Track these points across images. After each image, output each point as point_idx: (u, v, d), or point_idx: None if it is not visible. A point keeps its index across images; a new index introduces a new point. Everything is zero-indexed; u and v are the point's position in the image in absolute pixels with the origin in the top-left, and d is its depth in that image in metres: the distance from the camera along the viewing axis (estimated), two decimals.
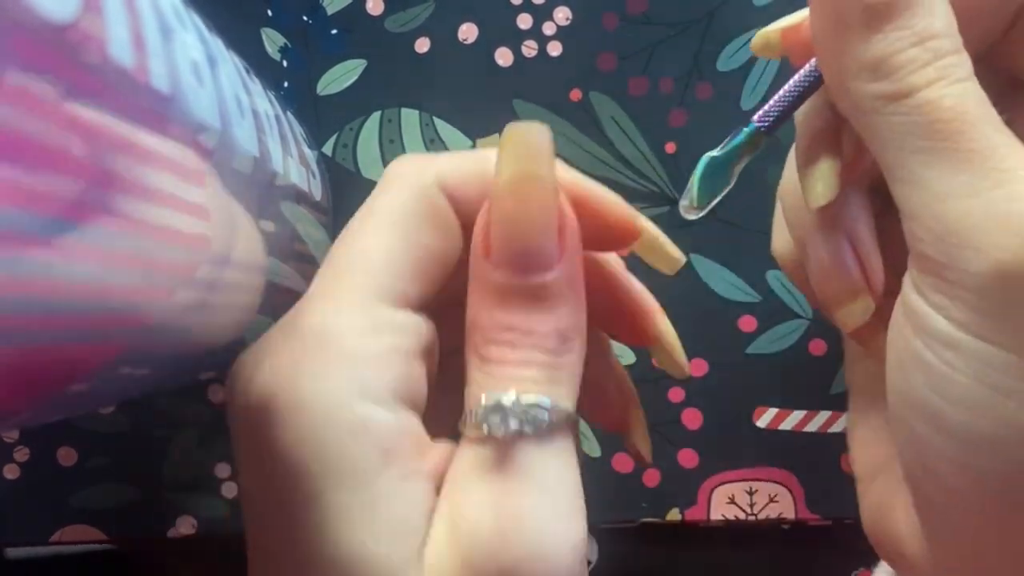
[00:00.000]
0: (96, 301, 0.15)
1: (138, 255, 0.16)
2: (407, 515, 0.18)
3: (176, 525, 0.30)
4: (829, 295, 0.22)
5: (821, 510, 0.30)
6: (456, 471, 0.18)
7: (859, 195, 0.23)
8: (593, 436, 0.30)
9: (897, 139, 0.18)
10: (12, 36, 0.11)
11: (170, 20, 0.16)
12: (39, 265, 0.13)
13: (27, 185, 0.12)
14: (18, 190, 0.12)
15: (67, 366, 0.17)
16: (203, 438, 0.30)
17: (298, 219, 0.25)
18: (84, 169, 0.13)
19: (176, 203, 0.16)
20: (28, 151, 0.11)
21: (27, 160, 0.12)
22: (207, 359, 0.26)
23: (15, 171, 0.11)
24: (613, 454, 0.29)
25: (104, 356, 0.18)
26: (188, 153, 0.17)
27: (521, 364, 0.18)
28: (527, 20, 0.30)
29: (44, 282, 0.13)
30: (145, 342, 0.19)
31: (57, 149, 0.12)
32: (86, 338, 0.16)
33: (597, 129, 0.30)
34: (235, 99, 0.20)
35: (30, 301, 0.13)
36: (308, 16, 0.30)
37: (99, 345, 0.17)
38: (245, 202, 0.20)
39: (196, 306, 0.20)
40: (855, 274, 0.22)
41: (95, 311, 0.16)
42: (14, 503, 0.29)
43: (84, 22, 0.12)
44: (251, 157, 0.20)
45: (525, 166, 0.18)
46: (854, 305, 0.22)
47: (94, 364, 0.18)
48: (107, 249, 0.15)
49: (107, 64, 0.13)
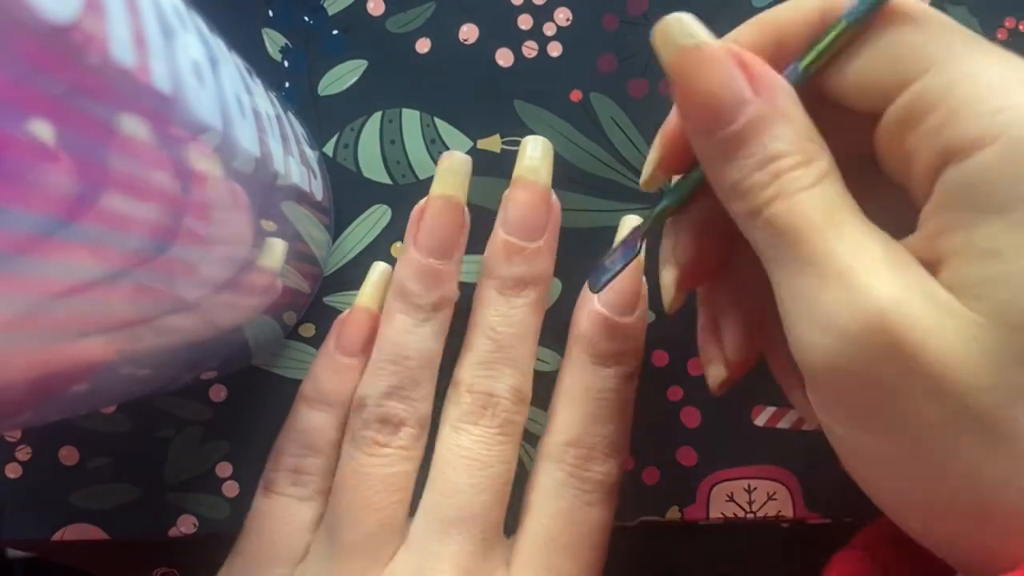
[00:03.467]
0: (97, 301, 0.15)
1: (138, 255, 0.16)
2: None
3: (177, 524, 0.30)
4: (701, 356, 0.26)
5: (820, 508, 0.30)
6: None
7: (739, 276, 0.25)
8: None
9: (761, 249, 0.20)
10: (13, 36, 0.11)
11: (171, 21, 0.16)
12: (41, 265, 0.13)
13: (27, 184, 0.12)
14: (16, 188, 0.12)
15: (68, 366, 0.17)
16: (204, 438, 0.30)
17: (299, 219, 0.25)
18: (85, 169, 0.13)
19: (177, 203, 0.17)
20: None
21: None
22: (208, 359, 0.26)
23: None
24: None
25: (105, 356, 0.18)
26: (190, 153, 0.17)
27: None
28: (527, 21, 0.30)
29: (45, 282, 0.13)
30: (145, 342, 0.19)
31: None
32: (87, 338, 0.16)
33: (597, 130, 0.30)
34: (236, 99, 0.20)
35: (31, 301, 0.13)
36: (309, 17, 0.30)
37: (100, 345, 0.17)
38: (247, 202, 0.20)
39: (197, 306, 0.20)
40: (711, 346, 0.26)
41: (96, 311, 0.16)
42: (16, 502, 0.29)
43: (86, 23, 0.12)
44: (253, 157, 0.20)
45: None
46: (710, 368, 0.26)
47: (95, 364, 0.18)
48: (108, 249, 0.15)
49: (108, 64, 0.13)
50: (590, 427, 0.28)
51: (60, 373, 0.16)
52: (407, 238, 0.29)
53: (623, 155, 0.30)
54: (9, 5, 0.11)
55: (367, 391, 0.28)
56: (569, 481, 0.27)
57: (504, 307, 0.28)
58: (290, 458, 0.28)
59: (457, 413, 0.28)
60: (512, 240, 0.28)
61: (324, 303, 0.30)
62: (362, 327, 0.29)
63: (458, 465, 0.27)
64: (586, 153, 0.30)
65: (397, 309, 0.28)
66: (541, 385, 0.29)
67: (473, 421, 0.27)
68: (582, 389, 0.28)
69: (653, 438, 0.30)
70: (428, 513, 0.27)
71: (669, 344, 0.30)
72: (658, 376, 0.30)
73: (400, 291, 0.28)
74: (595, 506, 0.28)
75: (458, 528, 0.26)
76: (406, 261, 0.28)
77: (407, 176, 0.30)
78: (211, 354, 0.25)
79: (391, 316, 0.28)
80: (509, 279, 0.28)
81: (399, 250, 0.30)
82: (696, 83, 0.20)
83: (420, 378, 0.28)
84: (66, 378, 0.17)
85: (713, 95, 0.20)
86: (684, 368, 0.30)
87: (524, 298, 0.28)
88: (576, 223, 0.30)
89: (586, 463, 0.27)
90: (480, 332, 0.28)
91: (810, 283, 0.19)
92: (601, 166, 0.30)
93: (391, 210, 0.30)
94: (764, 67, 0.20)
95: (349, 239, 0.30)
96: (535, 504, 0.28)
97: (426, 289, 0.28)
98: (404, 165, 0.30)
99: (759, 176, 0.20)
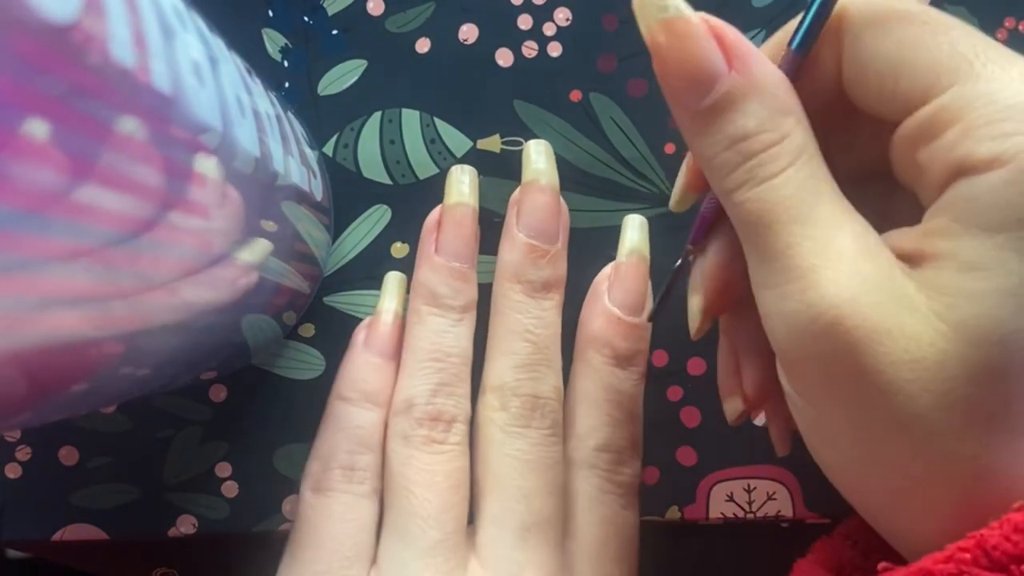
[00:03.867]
0: (97, 300, 0.15)
1: (138, 255, 0.16)
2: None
3: (177, 524, 0.30)
4: (720, 387, 0.27)
5: (820, 508, 0.30)
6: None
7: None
8: None
9: (737, 229, 0.21)
10: (13, 36, 0.11)
11: (171, 20, 0.16)
12: (42, 265, 0.13)
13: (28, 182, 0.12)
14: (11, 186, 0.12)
15: (69, 366, 0.17)
16: (204, 438, 0.30)
17: (299, 219, 0.25)
18: (84, 169, 0.13)
19: (177, 203, 0.17)
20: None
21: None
22: (207, 359, 0.26)
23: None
24: None
25: (105, 356, 0.18)
26: (190, 153, 0.17)
27: None
28: (527, 21, 0.30)
29: (46, 282, 0.13)
30: (145, 342, 0.19)
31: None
32: (88, 338, 0.16)
33: (597, 130, 0.30)
34: (236, 99, 0.20)
35: (32, 301, 0.13)
36: (309, 17, 0.30)
37: (100, 345, 0.17)
38: (247, 202, 0.20)
39: (197, 306, 0.20)
40: (730, 379, 0.26)
41: (96, 311, 0.16)
42: (16, 502, 0.29)
43: (86, 22, 0.12)
44: (252, 157, 0.20)
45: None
46: (728, 402, 0.27)
47: (95, 364, 0.18)
48: (108, 249, 0.15)
49: (108, 64, 0.13)
50: (617, 430, 0.28)
51: (61, 373, 0.16)
52: (425, 246, 0.29)
53: (623, 155, 0.30)
54: (9, 5, 0.11)
55: (414, 391, 0.28)
56: (607, 487, 0.28)
57: (537, 310, 0.28)
58: (344, 455, 0.28)
59: (506, 418, 0.27)
60: (535, 243, 0.28)
61: (324, 303, 0.30)
62: (393, 329, 0.29)
63: (523, 469, 0.27)
64: (586, 153, 0.30)
65: (429, 312, 0.28)
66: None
67: (525, 424, 0.27)
68: (604, 392, 0.28)
69: (653, 437, 0.30)
70: (499, 521, 0.27)
71: (669, 344, 0.30)
72: (658, 376, 0.30)
73: (430, 295, 0.28)
74: (629, 509, 0.28)
75: (534, 533, 0.26)
76: (433, 267, 0.28)
77: (407, 176, 0.30)
78: (211, 354, 0.25)
79: (423, 319, 0.28)
80: (538, 282, 0.28)
81: (400, 250, 0.30)
82: (671, 54, 0.20)
83: (463, 376, 0.28)
84: (66, 378, 0.17)
85: (688, 67, 0.20)
86: (684, 368, 0.30)
87: (551, 300, 0.28)
88: (576, 223, 0.30)
89: (618, 467, 0.28)
90: (517, 336, 0.28)
91: (774, 276, 0.19)
92: (601, 166, 0.30)
93: (391, 210, 0.30)
94: (739, 37, 0.20)
95: (349, 239, 0.30)
96: (580, 512, 0.28)
97: (456, 291, 0.28)
98: (404, 165, 0.30)
99: (728, 155, 0.20)
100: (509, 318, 0.28)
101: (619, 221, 0.30)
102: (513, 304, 0.28)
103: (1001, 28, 0.30)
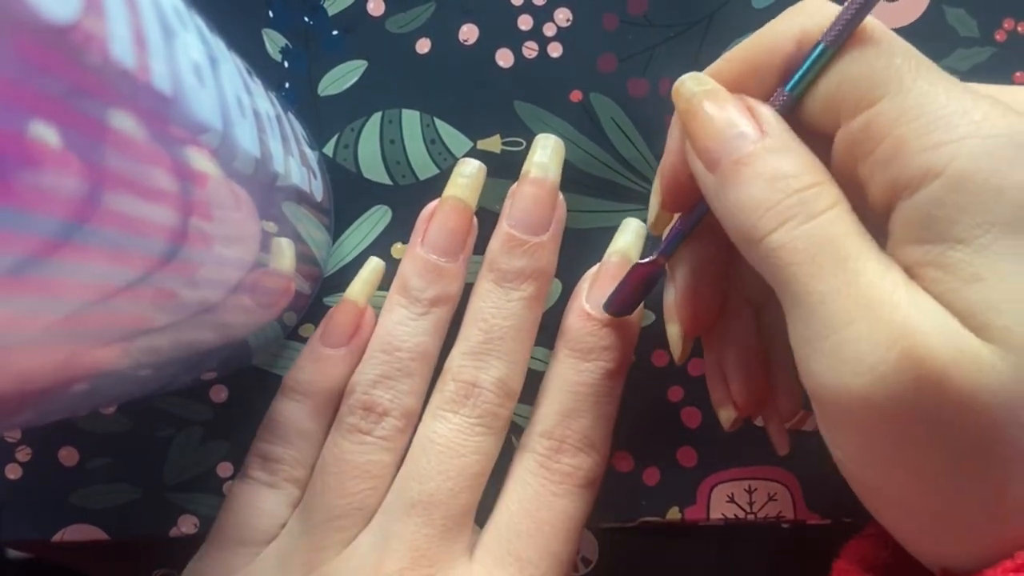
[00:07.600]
0: (98, 300, 0.15)
1: (147, 258, 0.16)
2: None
3: (177, 524, 0.30)
4: (712, 398, 0.27)
5: (820, 509, 0.30)
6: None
7: (739, 321, 0.26)
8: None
9: (773, 278, 0.21)
10: (13, 36, 0.11)
11: (171, 21, 0.16)
12: (43, 265, 0.13)
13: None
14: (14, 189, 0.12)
15: (69, 366, 0.17)
16: (205, 438, 0.30)
17: (299, 220, 0.25)
18: (85, 170, 0.13)
19: (178, 203, 0.17)
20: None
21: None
22: (208, 359, 0.26)
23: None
24: (613, 453, 0.29)
25: (104, 356, 0.18)
26: (191, 153, 0.17)
27: None
28: (527, 21, 0.30)
29: (47, 282, 0.13)
30: (145, 342, 0.19)
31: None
32: (88, 338, 0.16)
33: (597, 130, 0.30)
34: (236, 100, 0.20)
35: (33, 301, 0.13)
36: (309, 17, 0.30)
37: (100, 345, 0.17)
38: (249, 202, 0.20)
39: (197, 306, 0.20)
40: (719, 390, 0.27)
41: (97, 311, 0.16)
42: (16, 502, 0.29)
43: (86, 23, 0.12)
44: (252, 158, 0.20)
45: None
46: (721, 411, 0.27)
47: (94, 364, 0.18)
48: (112, 251, 0.15)
49: (109, 64, 0.13)
50: (563, 419, 0.28)
51: (65, 374, 0.16)
52: (414, 236, 0.29)
53: (623, 155, 0.30)
54: (9, 5, 0.11)
55: (357, 378, 0.28)
56: (538, 471, 0.28)
57: (500, 299, 0.28)
58: (261, 444, 0.29)
59: (439, 400, 0.28)
60: (514, 233, 0.28)
61: (324, 303, 0.30)
62: (346, 319, 0.29)
63: (431, 451, 0.27)
64: (586, 153, 0.30)
65: (397, 302, 0.29)
66: (539, 384, 0.29)
67: (453, 409, 0.28)
68: (559, 382, 0.28)
69: (653, 438, 0.30)
70: (395, 494, 0.27)
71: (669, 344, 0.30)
72: (658, 376, 0.30)
73: (402, 285, 0.29)
74: (562, 497, 0.27)
75: (419, 511, 0.26)
76: (411, 256, 0.29)
77: (407, 177, 0.30)
78: (211, 354, 0.25)
79: (391, 308, 0.29)
80: (508, 271, 0.28)
81: (400, 251, 0.30)
82: (707, 118, 0.21)
83: (411, 371, 0.28)
84: (67, 378, 0.17)
85: (723, 126, 0.21)
86: (684, 368, 0.30)
87: (521, 292, 0.28)
88: (575, 223, 0.30)
89: (556, 454, 0.28)
90: (472, 322, 0.28)
91: (833, 317, 0.19)
92: (601, 166, 0.30)
93: (391, 211, 0.30)
94: (770, 111, 0.21)
95: (349, 240, 0.30)
96: (505, 492, 0.28)
97: (427, 284, 0.28)
98: (404, 165, 0.30)
99: (766, 193, 0.20)
100: (473, 304, 0.29)
101: (619, 222, 0.30)
102: (479, 291, 0.29)
103: (1000, 29, 0.30)
